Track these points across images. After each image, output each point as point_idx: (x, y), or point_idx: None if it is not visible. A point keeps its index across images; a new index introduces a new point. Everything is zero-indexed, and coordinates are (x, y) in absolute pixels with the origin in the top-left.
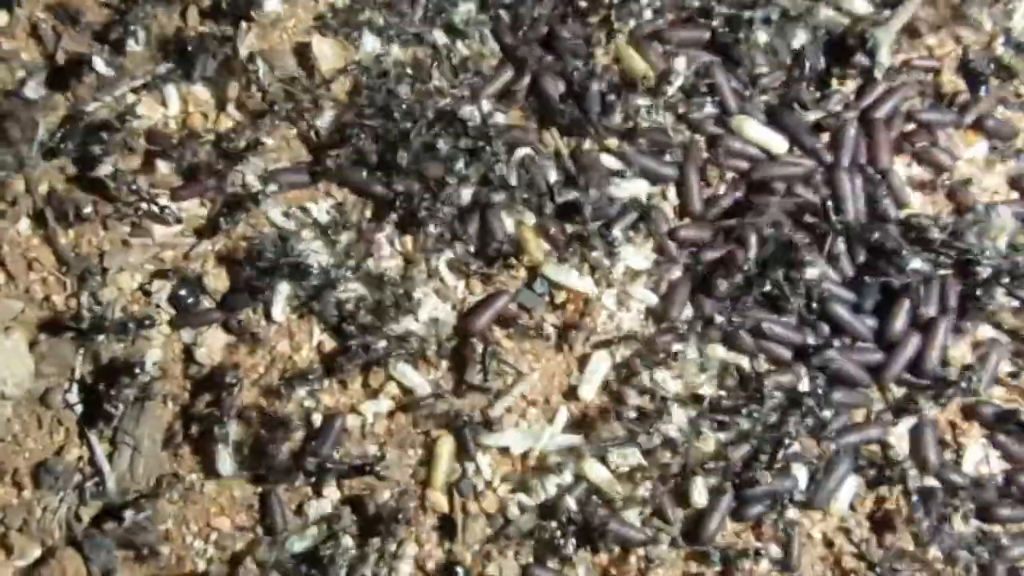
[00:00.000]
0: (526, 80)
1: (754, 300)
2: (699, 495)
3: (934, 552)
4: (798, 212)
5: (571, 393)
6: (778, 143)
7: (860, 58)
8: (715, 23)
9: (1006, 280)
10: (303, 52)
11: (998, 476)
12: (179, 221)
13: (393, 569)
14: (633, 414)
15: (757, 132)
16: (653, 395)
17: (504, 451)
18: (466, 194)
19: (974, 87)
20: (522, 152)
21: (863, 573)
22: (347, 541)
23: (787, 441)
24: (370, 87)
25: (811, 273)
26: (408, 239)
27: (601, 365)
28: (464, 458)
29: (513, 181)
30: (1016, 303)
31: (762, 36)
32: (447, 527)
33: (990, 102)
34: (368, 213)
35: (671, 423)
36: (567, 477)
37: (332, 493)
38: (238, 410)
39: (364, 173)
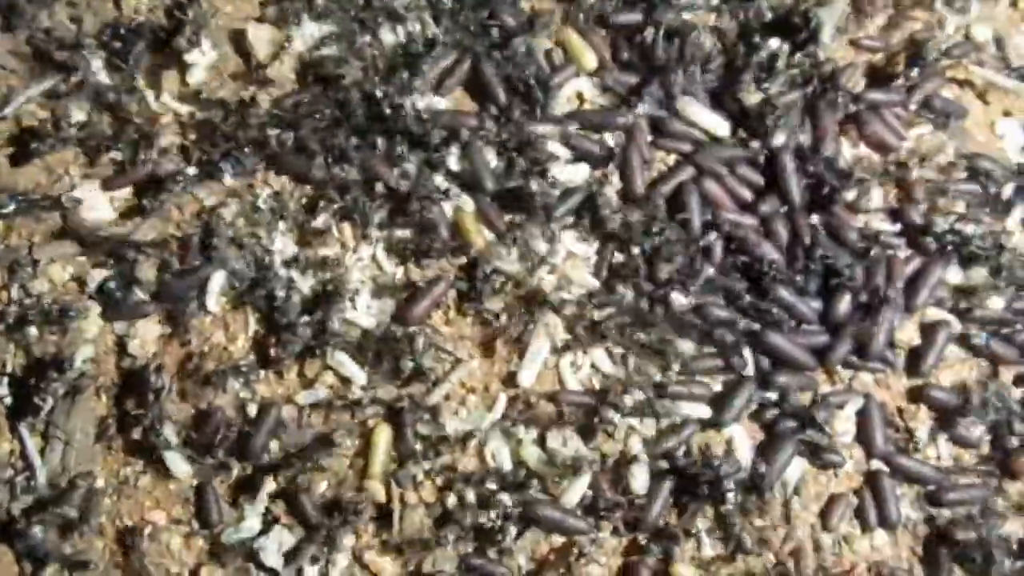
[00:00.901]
0: (466, 65)
1: (698, 283)
2: (640, 481)
3: (880, 535)
4: (742, 196)
5: (511, 379)
6: (721, 125)
7: (804, 38)
8: (657, 5)
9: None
10: (239, 40)
11: (947, 459)
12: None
13: (330, 561)
14: (574, 399)
15: (700, 114)
16: (595, 381)
17: (443, 439)
18: (406, 181)
19: (920, 67)
20: (463, 138)
21: (810, 555)
22: (283, 533)
23: (729, 425)
24: (309, 74)
25: (757, 254)
26: (347, 226)
27: (541, 350)
28: (402, 447)
29: (453, 167)
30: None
31: (707, 17)
32: (385, 518)
33: (937, 82)
34: (305, 201)
35: (612, 408)
36: (506, 465)
37: (268, 484)
38: (171, 405)
39: (303, 161)
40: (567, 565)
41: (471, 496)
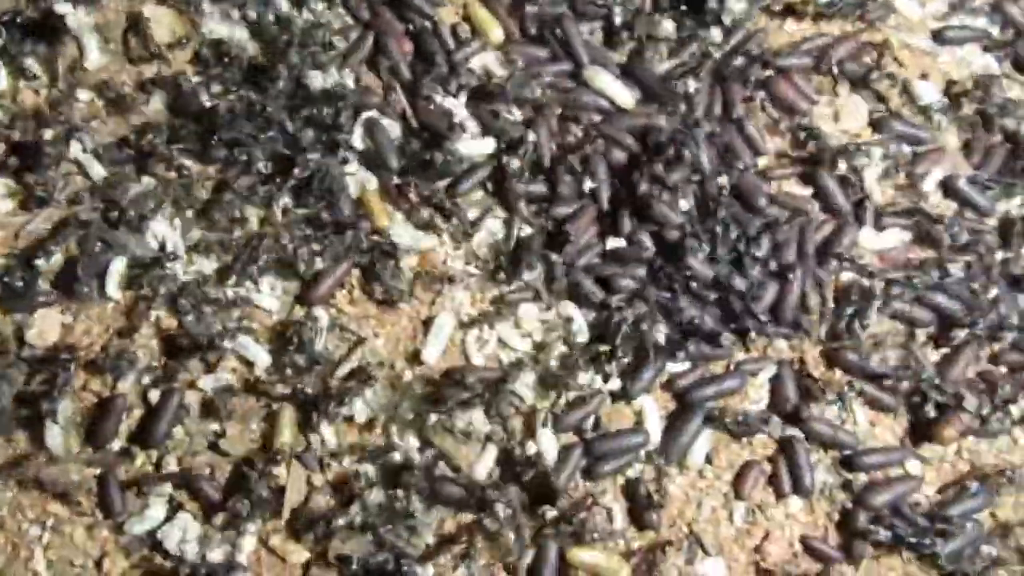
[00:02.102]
0: (370, 41)
1: (608, 255)
2: (548, 453)
3: (795, 502)
4: (652, 164)
5: (416, 357)
6: (628, 96)
7: (712, 5)
8: None
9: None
10: (136, 22)
11: (863, 424)
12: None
13: (236, 546)
14: (480, 375)
15: (608, 85)
16: (501, 355)
17: (348, 420)
18: (312, 159)
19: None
20: (368, 115)
21: (724, 525)
22: (188, 520)
23: (639, 397)
24: (212, 56)
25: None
26: (251, 209)
27: (445, 327)
28: (307, 429)
29: (359, 144)
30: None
31: None
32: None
33: (848, 46)
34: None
35: (519, 382)
36: (412, 442)
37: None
38: (72, 390)
39: (208, 142)
40: (473, 542)
41: (377, 475)
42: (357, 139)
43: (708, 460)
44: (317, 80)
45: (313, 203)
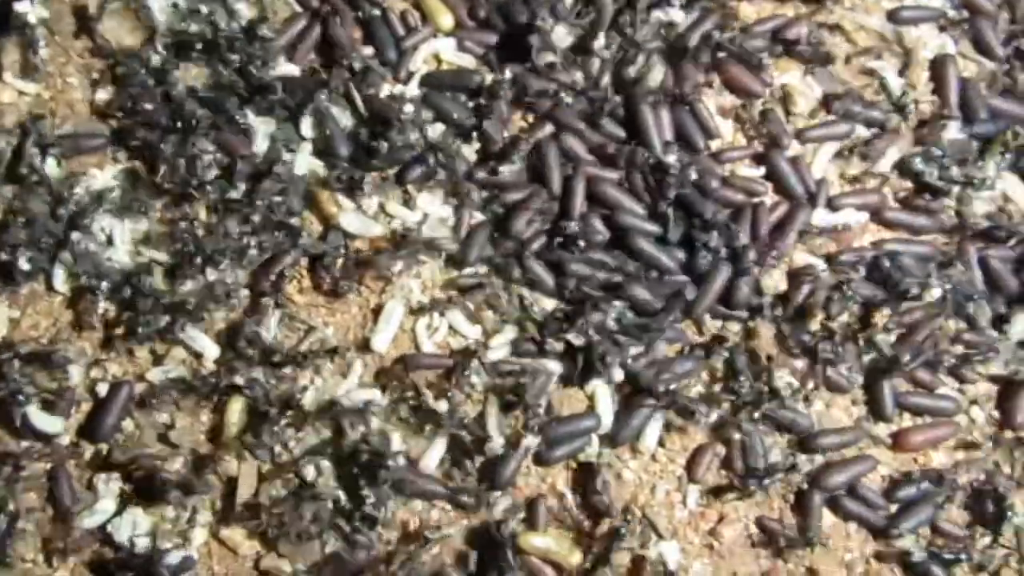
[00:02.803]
0: (318, 29)
1: (558, 239)
2: (497, 440)
3: (751, 484)
4: (604, 148)
5: (366, 345)
6: (579, 79)
7: None
8: None
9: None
10: (83, 15)
11: (817, 405)
12: None
13: (187, 538)
14: (430, 362)
15: (561, 71)
16: (452, 342)
17: (299, 410)
18: (260, 147)
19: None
20: (317, 104)
21: (678, 508)
22: (138, 513)
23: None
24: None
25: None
26: (199, 200)
27: (395, 315)
28: (257, 420)
29: (308, 134)
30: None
31: None
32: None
33: (803, 27)
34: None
35: (471, 369)
36: (363, 431)
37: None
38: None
39: (154, 137)
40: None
41: (328, 466)
42: (306, 128)
43: (661, 443)
44: (267, 69)
45: (262, 193)
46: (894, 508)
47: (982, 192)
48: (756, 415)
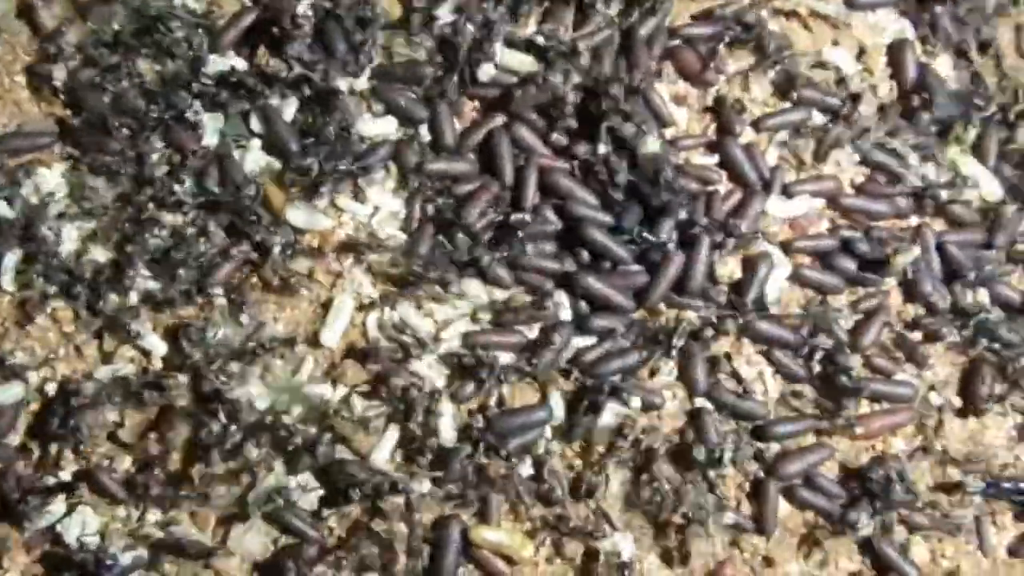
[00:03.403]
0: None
1: (510, 231)
2: (448, 432)
3: (709, 473)
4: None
5: (316, 339)
6: (527, 67)
7: None
8: None
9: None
10: (29, 13)
11: (773, 393)
12: None
13: (137, 537)
14: (382, 357)
15: (510, 59)
16: (403, 336)
17: (249, 405)
18: (209, 144)
19: None
20: (266, 97)
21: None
22: (87, 513)
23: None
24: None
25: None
26: (147, 197)
27: (344, 309)
28: (208, 416)
29: (257, 128)
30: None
31: None
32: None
33: (759, 13)
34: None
35: (421, 363)
36: (313, 426)
37: (71, 466)
38: None
39: (101, 132)
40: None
41: (280, 462)
42: (256, 123)
43: (615, 434)
44: (215, 64)
45: (211, 188)
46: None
47: (940, 178)
48: (711, 404)
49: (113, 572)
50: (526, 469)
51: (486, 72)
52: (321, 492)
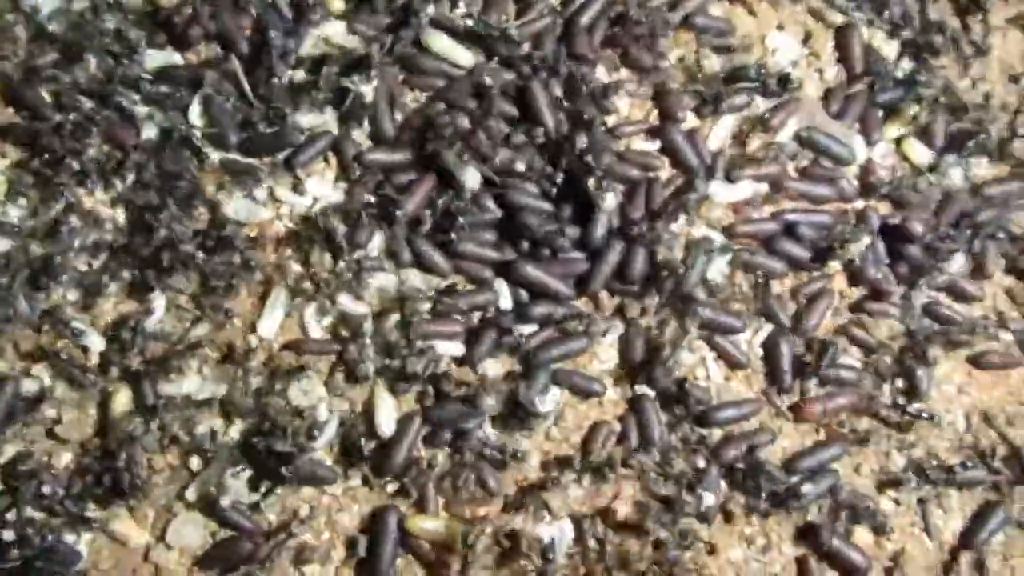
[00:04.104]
0: (207, 14)
1: (450, 220)
2: (386, 424)
3: (649, 458)
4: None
5: (253, 332)
6: (466, 56)
7: None
8: None
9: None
10: None
11: (716, 379)
12: None
13: (77, 532)
14: (318, 348)
15: (448, 47)
16: (340, 327)
17: (186, 399)
18: (149, 138)
19: None
20: (205, 91)
21: (572, 486)
22: (27, 512)
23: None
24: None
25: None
26: (85, 191)
27: (279, 300)
28: (144, 411)
29: (197, 121)
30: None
31: None
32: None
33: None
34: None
35: (364, 350)
36: (251, 418)
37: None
38: None
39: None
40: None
41: (218, 454)
42: (195, 115)
43: (556, 421)
44: (154, 58)
45: (150, 181)
46: (795, 479)
47: (886, 161)
48: (652, 390)
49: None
50: (465, 458)
51: (425, 62)
52: (259, 483)
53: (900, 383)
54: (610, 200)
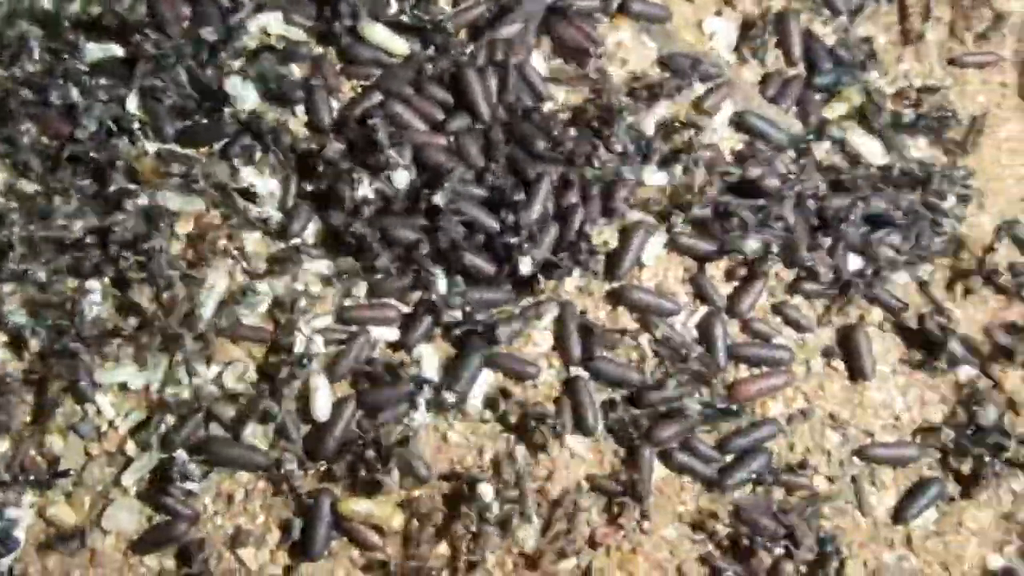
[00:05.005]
0: (144, 7)
1: (386, 207)
2: (321, 406)
3: (579, 441)
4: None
5: (191, 320)
6: (402, 46)
7: None
8: None
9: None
10: None
11: (650, 358)
12: None
13: (12, 519)
14: (253, 333)
15: (384, 37)
16: (277, 313)
17: (123, 387)
18: (87, 129)
19: None
20: (144, 82)
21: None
22: None
23: (416, 346)
24: None
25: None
26: (21, 182)
27: (217, 287)
28: (81, 398)
29: (135, 112)
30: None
31: None
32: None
33: None
34: None
35: (295, 339)
36: (187, 407)
37: None
38: None
39: None
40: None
41: (154, 440)
42: (133, 107)
43: (488, 405)
44: (92, 51)
45: (86, 172)
46: (729, 458)
47: (824, 143)
48: (588, 372)
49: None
50: (399, 441)
51: (362, 51)
52: (194, 468)
53: (837, 363)
54: (544, 186)
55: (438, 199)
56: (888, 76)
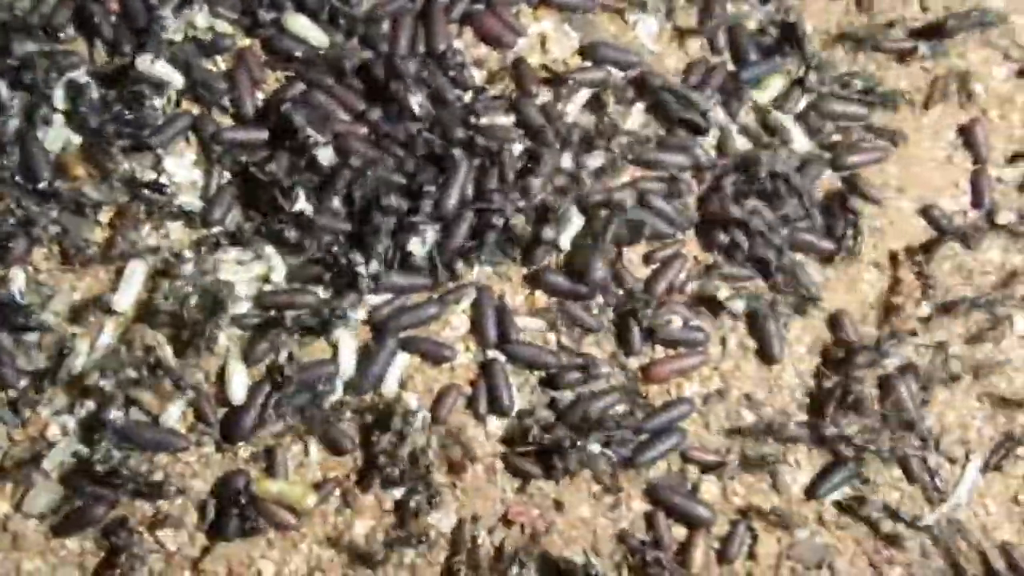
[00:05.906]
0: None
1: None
2: (238, 390)
3: (495, 423)
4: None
5: (111, 307)
6: (320, 37)
7: None
8: None
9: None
10: None
11: (565, 340)
12: None
13: None
14: (173, 320)
15: (309, 29)
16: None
17: (46, 372)
18: (11, 121)
19: None
20: (70, 75)
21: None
22: None
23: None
24: None
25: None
26: None
27: (136, 274)
28: (3, 384)
29: (60, 105)
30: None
31: None
32: None
33: None
34: None
35: (214, 324)
36: (107, 387)
37: None
38: None
39: None
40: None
41: (72, 424)
42: (59, 100)
43: (402, 386)
44: (21, 44)
45: (9, 163)
46: (643, 438)
47: (746, 131)
48: (504, 355)
49: None
50: (315, 423)
51: (285, 42)
52: (114, 451)
53: (753, 344)
54: (463, 171)
55: (358, 188)
56: (813, 61)
